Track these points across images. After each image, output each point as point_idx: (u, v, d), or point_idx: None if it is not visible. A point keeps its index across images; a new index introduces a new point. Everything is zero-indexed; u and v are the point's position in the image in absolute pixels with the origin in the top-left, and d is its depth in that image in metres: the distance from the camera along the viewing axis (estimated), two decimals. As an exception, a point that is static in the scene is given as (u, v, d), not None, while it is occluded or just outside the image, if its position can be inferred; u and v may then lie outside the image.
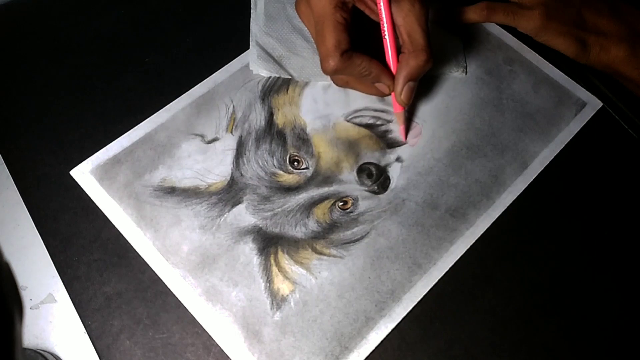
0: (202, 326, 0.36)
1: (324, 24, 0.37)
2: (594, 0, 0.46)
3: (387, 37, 0.39)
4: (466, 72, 0.47)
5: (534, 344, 0.37)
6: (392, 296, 0.38)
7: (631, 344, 0.38)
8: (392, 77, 0.40)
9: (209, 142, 0.42)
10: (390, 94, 0.41)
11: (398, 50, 0.40)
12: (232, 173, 0.41)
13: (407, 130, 0.44)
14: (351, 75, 0.41)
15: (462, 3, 0.47)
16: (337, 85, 0.43)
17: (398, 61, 0.39)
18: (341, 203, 0.40)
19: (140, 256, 0.38)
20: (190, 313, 0.36)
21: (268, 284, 0.37)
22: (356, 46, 0.38)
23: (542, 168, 0.43)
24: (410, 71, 0.38)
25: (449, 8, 0.47)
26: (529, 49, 0.48)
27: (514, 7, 0.46)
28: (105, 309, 0.36)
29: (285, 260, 0.38)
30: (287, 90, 0.45)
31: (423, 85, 0.45)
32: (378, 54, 0.40)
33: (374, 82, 0.40)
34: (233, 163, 0.41)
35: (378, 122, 0.44)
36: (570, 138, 0.44)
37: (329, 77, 0.45)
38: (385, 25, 0.39)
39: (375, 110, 0.44)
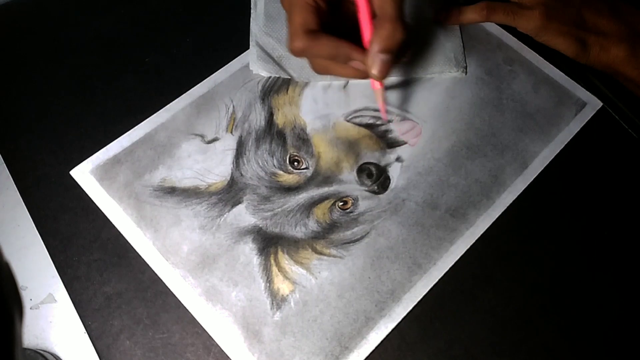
0: (202, 326, 0.36)
1: (293, 5, 0.37)
2: (594, 0, 0.46)
3: (361, 11, 0.38)
4: (466, 72, 0.47)
5: (534, 344, 0.37)
6: (392, 296, 0.38)
7: (631, 344, 0.38)
8: (364, 53, 0.38)
9: (209, 142, 0.42)
10: (363, 71, 0.38)
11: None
12: (232, 173, 0.41)
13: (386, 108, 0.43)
14: (320, 57, 0.39)
15: (462, 3, 0.47)
16: (316, 71, 0.41)
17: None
18: (341, 203, 0.40)
19: (140, 256, 0.38)
20: (190, 313, 0.36)
21: (268, 284, 0.37)
22: (333, 32, 0.37)
23: (542, 168, 0.43)
24: (380, 42, 0.36)
25: (449, 8, 0.47)
26: (529, 49, 0.48)
27: (514, 7, 0.46)
28: (105, 309, 0.36)
29: (285, 260, 0.38)
30: (287, 90, 0.45)
31: (423, 85, 0.45)
32: (359, 40, 0.38)
33: (346, 62, 0.38)
34: (233, 163, 0.41)
35: (378, 122, 0.44)
36: (570, 138, 0.44)
37: (328, 77, 0.45)
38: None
39: (375, 110, 0.44)
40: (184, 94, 0.44)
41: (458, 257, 0.39)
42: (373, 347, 0.36)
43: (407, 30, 0.36)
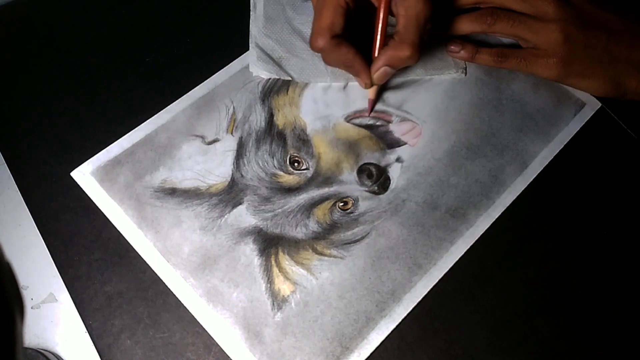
0: (202, 326, 0.36)
1: (325, 4, 0.38)
2: (625, 34, 0.42)
3: (379, 26, 0.41)
4: (465, 73, 0.47)
5: (534, 344, 0.37)
6: (393, 296, 0.38)
7: (631, 344, 0.38)
8: (370, 76, 0.41)
9: (210, 143, 0.42)
10: (365, 89, 0.43)
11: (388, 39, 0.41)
12: (232, 174, 0.41)
13: (373, 106, 0.44)
14: (334, 61, 0.41)
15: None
16: (325, 62, 0.43)
17: (386, 44, 0.40)
18: (341, 203, 0.40)
19: (141, 256, 0.38)
20: (190, 313, 0.36)
21: (269, 285, 0.37)
22: (351, 32, 0.39)
23: (542, 168, 0.43)
24: (392, 60, 0.39)
25: (465, 44, 0.45)
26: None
27: (528, 54, 0.44)
28: (106, 308, 0.36)
29: (286, 261, 0.38)
30: (287, 91, 0.45)
31: (422, 86, 0.46)
32: (368, 43, 0.41)
33: (353, 75, 0.42)
34: (233, 164, 0.41)
35: (378, 123, 0.44)
36: (570, 138, 0.45)
37: (328, 78, 0.45)
38: (381, 13, 0.40)
39: (375, 111, 0.44)
40: (184, 95, 0.44)
41: (458, 257, 0.39)
42: (374, 348, 0.36)
43: (419, 58, 0.39)
